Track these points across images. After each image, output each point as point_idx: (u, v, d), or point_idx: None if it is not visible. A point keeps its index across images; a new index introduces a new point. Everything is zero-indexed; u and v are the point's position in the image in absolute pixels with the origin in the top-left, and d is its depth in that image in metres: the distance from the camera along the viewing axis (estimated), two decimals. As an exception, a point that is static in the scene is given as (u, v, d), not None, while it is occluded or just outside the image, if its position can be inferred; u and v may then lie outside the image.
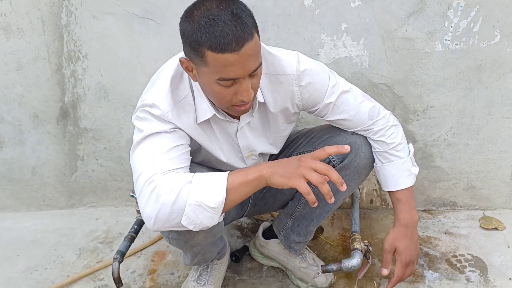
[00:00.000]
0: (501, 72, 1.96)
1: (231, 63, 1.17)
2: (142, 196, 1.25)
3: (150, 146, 1.31)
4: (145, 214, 1.25)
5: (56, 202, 2.32)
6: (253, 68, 1.22)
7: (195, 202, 1.21)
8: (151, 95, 1.34)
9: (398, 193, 1.58)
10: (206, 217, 1.23)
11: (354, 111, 1.51)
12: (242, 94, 1.24)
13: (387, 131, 1.54)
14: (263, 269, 1.91)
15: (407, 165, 1.56)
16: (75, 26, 2.00)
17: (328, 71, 1.50)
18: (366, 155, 1.55)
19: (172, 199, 1.21)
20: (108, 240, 2.12)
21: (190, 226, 1.24)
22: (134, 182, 1.30)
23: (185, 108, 1.37)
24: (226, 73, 1.19)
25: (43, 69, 2.08)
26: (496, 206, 2.21)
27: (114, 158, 2.21)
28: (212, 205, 1.22)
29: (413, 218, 1.59)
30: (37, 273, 1.94)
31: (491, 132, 2.06)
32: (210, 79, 1.23)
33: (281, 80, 1.43)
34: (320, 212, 1.67)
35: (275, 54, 1.42)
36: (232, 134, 1.50)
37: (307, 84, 1.45)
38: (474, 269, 1.87)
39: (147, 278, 1.89)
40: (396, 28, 1.91)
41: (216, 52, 1.16)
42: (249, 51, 1.18)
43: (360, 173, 1.58)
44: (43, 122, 2.16)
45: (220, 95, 1.26)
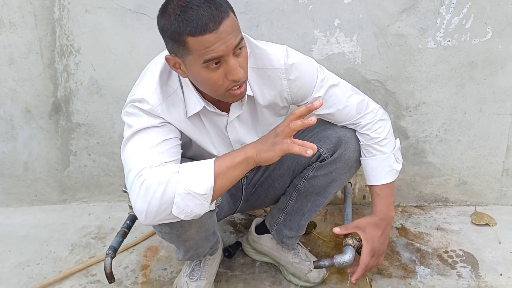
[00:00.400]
0: (493, 68, 1.97)
1: (212, 42, 1.19)
2: (132, 190, 1.25)
3: (139, 142, 1.31)
4: (136, 208, 1.25)
5: (48, 197, 2.31)
6: (235, 44, 1.22)
7: (184, 191, 1.21)
8: (140, 90, 1.34)
9: (378, 188, 1.59)
10: (196, 205, 1.24)
11: (342, 105, 1.52)
12: (231, 73, 1.24)
13: (374, 125, 1.55)
14: (255, 265, 1.92)
15: (389, 161, 1.57)
16: (67, 20, 1.99)
17: (316, 65, 1.51)
18: (356, 148, 1.57)
19: (161, 191, 1.21)
20: (101, 235, 2.11)
21: (181, 215, 1.24)
22: (125, 178, 1.31)
23: (175, 102, 1.37)
24: (209, 53, 1.20)
25: (36, 64, 2.07)
26: (488, 202, 2.23)
27: (107, 153, 2.21)
28: (201, 191, 1.22)
29: (390, 214, 1.61)
30: (29, 268, 1.93)
31: (482, 129, 2.08)
32: (197, 67, 1.24)
33: (269, 74, 1.44)
34: (312, 207, 1.68)
35: (263, 48, 1.43)
36: (222, 127, 1.50)
37: (296, 78, 1.45)
38: (466, 264, 1.89)
39: (139, 274, 1.89)
40: (389, 24, 1.91)
41: (196, 36, 1.18)
42: (227, 28, 1.19)
43: (351, 167, 1.59)
44: (35, 117, 2.15)
45: (211, 81, 1.26)
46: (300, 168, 1.66)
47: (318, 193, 1.65)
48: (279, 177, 1.71)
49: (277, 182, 1.72)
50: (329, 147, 1.56)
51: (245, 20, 1.92)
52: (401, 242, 2.02)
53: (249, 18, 1.93)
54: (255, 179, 1.76)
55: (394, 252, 1.96)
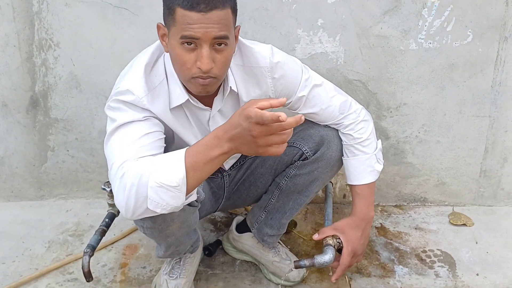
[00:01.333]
0: (473, 71, 1.99)
1: (195, 21, 1.19)
2: (113, 184, 1.25)
3: (122, 136, 1.30)
4: (117, 202, 1.24)
5: (25, 193, 2.27)
6: (215, 35, 1.22)
7: (155, 184, 1.19)
8: (125, 82, 1.33)
9: (358, 188, 1.61)
10: (171, 197, 1.21)
11: (325, 105, 1.53)
12: (201, 60, 1.24)
13: (357, 125, 1.57)
14: (236, 263, 1.91)
15: (370, 161, 1.59)
16: (46, 14, 1.95)
17: (301, 65, 1.52)
18: (339, 148, 1.59)
19: (136, 184, 1.20)
20: (79, 232, 2.08)
21: (157, 209, 1.22)
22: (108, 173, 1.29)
23: (160, 94, 1.37)
24: (188, 30, 1.21)
25: (13, 57, 2.02)
26: (465, 202, 2.26)
27: (86, 149, 2.18)
28: (174, 183, 1.19)
29: (369, 214, 1.63)
30: (4, 266, 1.89)
31: (461, 130, 2.10)
32: (175, 41, 1.24)
33: (254, 72, 1.45)
34: (293, 205, 1.69)
35: (250, 46, 1.44)
36: (205, 122, 1.50)
37: (280, 77, 1.46)
38: (443, 264, 1.91)
39: (118, 272, 1.87)
40: (372, 25, 1.92)
41: (185, 9, 1.19)
42: (216, 17, 1.20)
43: (333, 166, 1.61)
44: (12, 111, 2.10)
45: (181, 60, 1.26)
46: (282, 166, 1.66)
47: (300, 192, 1.66)
48: (261, 175, 1.71)
49: (259, 180, 1.72)
50: (311, 146, 1.58)
51: (228, 17, 1.91)
52: (380, 241, 2.04)
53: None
54: (238, 177, 1.75)
55: (373, 251, 1.97)
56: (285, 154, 1.62)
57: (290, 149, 1.62)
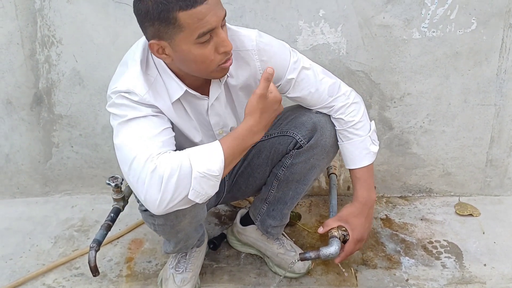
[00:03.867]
0: (477, 59, 1.97)
1: (205, 13, 1.18)
2: (142, 179, 1.22)
3: (137, 130, 1.29)
4: (149, 196, 1.22)
5: (31, 190, 2.28)
6: (223, 14, 1.24)
7: (199, 174, 1.22)
8: (124, 82, 1.31)
9: (357, 171, 1.59)
10: (210, 186, 1.25)
11: (314, 88, 1.52)
12: (223, 44, 1.25)
13: (347, 108, 1.54)
14: (241, 257, 1.91)
15: (365, 143, 1.56)
16: (48, 11, 1.95)
17: (289, 48, 1.51)
18: (332, 133, 1.57)
19: (176, 176, 1.20)
20: (84, 228, 2.09)
21: (197, 199, 1.25)
22: (126, 167, 1.27)
23: (158, 90, 1.36)
24: (203, 25, 1.20)
25: (16, 55, 2.03)
26: (471, 193, 2.24)
27: (90, 145, 2.18)
28: (216, 172, 1.24)
29: (371, 197, 1.60)
30: (12, 262, 1.91)
31: (466, 119, 2.08)
32: (189, 44, 1.23)
33: (242, 55, 1.44)
34: (293, 194, 1.69)
35: (236, 30, 1.43)
36: (203, 112, 1.49)
37: (268, 59, 1.45)
38: (450, 255, 1.90)
39: (124, 267, 1.88)
40: (374, 15, 1.90)
41: (188, 9, 1.17)
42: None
43: (328, 152, 1.59)
44: (16, 109, 2.12)
45: (203, 57, 1.25)
46: (278, 156, 1.65)
47: (298, 181, 1.65)
48: (258, 166, 1.71)
49: (257, 172, 1.72)
50: (305, 133, 1.57)
51: (229, 10, 1.90)
52: (386, 233, 2.03)
53: (233, 8, 1.91)
54: (235, 169, 1.75)
55: (379, 243, 1.96)
56: (279, 143, 1.62)
57: (284, 138, 1.61)
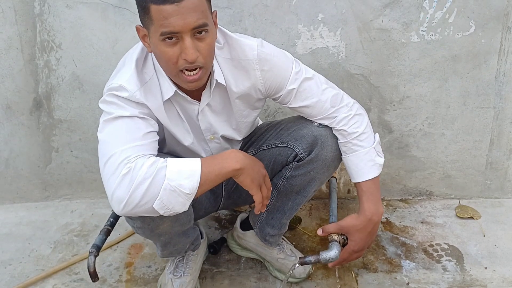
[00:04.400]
0: (476, 62, 1.97)
1: (171, 14, 1.19)
2: (114, 178, 1.23)
3: (120, 128, 1.30)
4: (116, 196, 1.23)
5: (30, 195, 2.28)
6: (194, 24, 1.22)
7: (170, 187, 1.21)
8: (117, 78, 1.34)
9: (363, 184, 1.54)
10: (179, 203, 1.24)
11: (316, 98, 1.50)
12: (185, 51, 1.24)
13: (350, 120, 1.51)
14: (241, 261, 1.91)
15: (370, 155, 1.52)
16: (48, 16, 1.96)
17: (291, 58, 1.50)
18: (333, 147, 1.53)
19: (147, 183, 1.20)
20: (84, 233, 2.09)
21: (161, 210, 1.24)
22: (102, 164, 1.28)
23: (152, 89, 1.37)
24: (166, 25, 1.20)
25: (16, 60, 2.03)
26: (472, 195, 2.24)
27: (90, 149, 2.18)
28: (187, 191, 1.23)
29: (378, 210, 1.55)
30: (11, 267, 1.90)
31: (466, 122, 2.08)
32: (156, 39, 1.24)
33: (243, 64, 1.43)
34: (292, 205, 1.67)
35: (237, 39, 1.43)
36: (194, 116, 1.49)
37: (270, 69, 1.45)
38: (451, 258, 1.90)
39: (123, 271, 1.87)
40: (372, 19, 1.91)
41: (158, 4, 1.19)
42: (190, 4, 1.20)
43: (329, 166, 1.56)
44: (16, 113, 2.12)
45: (165, 56, 1.26)
46: (278, 166, 1.64)
47: (298, 192, 1.63)
48: None
49: None
50: (305, 147, 1.54)
51: (228, 15, 1.91)
52: (386, 236, 2.02)
53: (232, 13, 1.91)
54: None
55: (380, 247, 1.96)
56: (280, 154, 1.60)
57: (284, 150, 1.59)
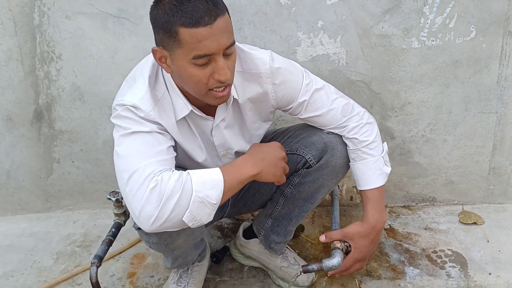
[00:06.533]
0: (477, 67, 1.97)
1: (205, 37, 1.17)
2: (140, 193, 1.20)
3: (142, 143, 1.28)
4: (144, 212, 1.20)
5: (32, 206, 2.27)
6: (227, 44, 1.21)
7: (199, 199, 1.21)
8: (130, 96, 1.31)
9: (369, 192, 1.56)
10: (206, 214, 1.24)
11: (327, 108, 1.50)
12: (219, 72, 1.22)
13: (361, 128, 1.53)
14: (244, 270, 1.90)
15: (378, 164, 1.54)
16: (47, 27, 1.96)
17: (301, 70, 1.50)
18: (343, 154, 1.55)
19: (177, 196, 1.19)
20: (86, 243, 2.08)
21: (190, 223, 1.23)
22: (123, 179, 1.25)
23: (164, 106, 1.35)
24: (200, 48, 1.18)
25: (16, 71, 2.03)
26: (475, 201, 2.23)
27: (91, 160, 2.18)
28: (214, 201, 1.23)
29: (382, 218, 1.58)
30: (14, 279, 1.90)
31: (468, 128, 2.08)
32: (185, 62, 1.21)
33: (254, 78, 1.43)
34: (299, 212, 1.67)
35: (249, 52, 1.42)
36: (208, 132, 1.48)
37: (281, 82, 1.44)
38: (455, 264, 1.88)
39: (126, 282, 1.86)
40: (372, 25, 1.90)
41: (190, 27, 1.16)
42: (221, 25, 1.18)
43: (338, 173, 1.57)
44: (17, 125, 2.12)
45: (196, 78, 1.24)
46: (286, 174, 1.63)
47: (305, 199, 1.64)
48: (265, 183, 1.68)
49: (263, 188, 1.71)
50: (315, 153, 1.55)
51: (228, 23, 1.91)
52: (390, 243, 2.01)
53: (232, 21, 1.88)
54: None
55: (383, 253, 1.95)
56: (289, 161, 1.57)
57: (294, 157, 1.59)
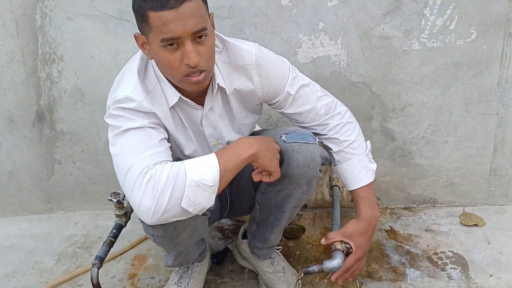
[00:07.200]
0: (478, 69, 1.97)
1: (170, 20, 1.18)
2: (137, 188, 1.23)
3: (134, 139, 1.30)
4: (143, 206, 1.23)
5: (34, 207, 2.28)
6: (194, 29, 1.21)
7: (193, 182, 1.21)
8: (122, 90, 1.33)
9: (359, 190, 1.56)
10: (205, 197, 1.24)
11: (311, 105, 1.52)
12: (187, 56, 1.23)
13: (342, 128, 1.54)
14: (245, 271, 1.90)
15: (363, 162, 1.55)
16: (49, 28, 1.97)
17: (288, 64, 1.51)
18: (300, 164, 1.45)
19: (171, 185, 1.21)
20: (87, 244, 2.08)
21: (190, 208, 1.24)
22: (121, 177, 1.28)
23: (157, 97, 1.38)
24: (167, 31, 1.20)
25: (18, 72, 2.04)
26: (476, 202, 2.22)
27: (92, 161, 2.18)
28: (210, 183, 1.23)
29: (376, 214, 1.58)
30: (15, 280, 1.90)
31: (469, 129, 2.08)
32: (157, 46, 1.23)
33: (241, 69, 1.45)
34: (273, 220, 1.64)
35: (235, 44, 1.44)
36: (198, 122, 1.49)
37: (267, 75, 1.46)
38: (456, 266, 1.88)
39: (127, 283, 1.87)
40: (373, 27, 1.91)
41: (156, 11, 1.18)
42: (188, 10, 1.19)
43: (298, 183, 1.49)
44: (18, 126, 2.12)
45: (167, 62, 1.26)
46: None
47: (276, 207, 1.60)
48: (243, 187, 1.69)
49: (244, 192, 1.70)
50: None
51: (229, 25, 1.91)
52: (391, 244, 2.01)
53: (233, 23, 1.92)
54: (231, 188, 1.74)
55: (384, 255, 1.95)
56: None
57: None
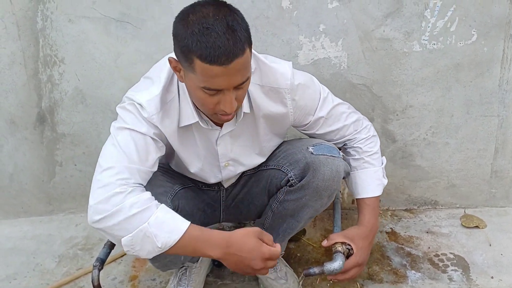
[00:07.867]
0: (479, 71, 1.97)
1: (218, 75, 1.17)
2: (105, 190, 1.24)
3: (132, 143, 1.31)
4: (95, 208, 1.24)
5: (35, 209, 2.28)
6: (239, 82, 1.22)
7: (146, 232, 1.22)
8: (143, 96, 1.34)
9: (368, 200, 1.61)
10: (145, 250, 1.25)
11: (341, 124, 1.57)
12: (224, 105, 1.24)
13: (367, 140, 1.61)
14: (245, 273, 1.90)
15: (378, 174, 1.62)
16: (50, 31, 1.97)
17: (319, 85, 1.53)
18: (325, 177, 1.48)
19: (131, 213, 1.21)
20: (88, 246, 2.09)
21: (126, 247, 1.25)
22: (100, 166, 1.30)
23: (170, 111, 1.37)
24: (211, 83, 1.19)
25: (19, 75, 2.04)
26: (477, 204, 2.22)
27: (93, 163, 2.12)
28: (159, 244, 1.23)
29: (376, 225, 1.64)
30: (16, 282, 1.90)
31: (470, 131, 2.08)
32: (196, 85, 1.23)
33: (274, 92, 1.45)
34: (286, 228, 1.64)
35: (270, 65, 1.43)
36: (213, 141, 1.49)
37: (300, 98, 1.47)
38: (457, 268, 1.88)
39: (128, 285, 1.87)
40: (374, 29, 1.91)
41: (205, 63, 1.16)
42: (237, 66, 1.17)
43: (321, 194, 1.52)
44: (20, 128, 2.13)
45: (203, 101, 1.26)
46: (273, 188, 1.63)
47: (292, 216, 1.61)
48: (257, 195, 1.69)
49: (256, 199, 1.70)
50: (297, 172, 1.54)
51: (229, 26, 1.91)
52: (392, 246, 2.01)
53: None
54: (234, 193, 1.73)
55: (385, 257, 1.95)
56: (274, 176, 1.61)
57: (279, 173, 1.59)
